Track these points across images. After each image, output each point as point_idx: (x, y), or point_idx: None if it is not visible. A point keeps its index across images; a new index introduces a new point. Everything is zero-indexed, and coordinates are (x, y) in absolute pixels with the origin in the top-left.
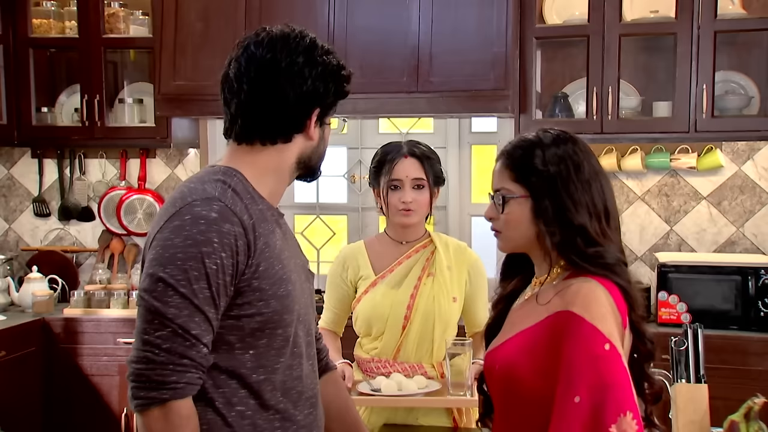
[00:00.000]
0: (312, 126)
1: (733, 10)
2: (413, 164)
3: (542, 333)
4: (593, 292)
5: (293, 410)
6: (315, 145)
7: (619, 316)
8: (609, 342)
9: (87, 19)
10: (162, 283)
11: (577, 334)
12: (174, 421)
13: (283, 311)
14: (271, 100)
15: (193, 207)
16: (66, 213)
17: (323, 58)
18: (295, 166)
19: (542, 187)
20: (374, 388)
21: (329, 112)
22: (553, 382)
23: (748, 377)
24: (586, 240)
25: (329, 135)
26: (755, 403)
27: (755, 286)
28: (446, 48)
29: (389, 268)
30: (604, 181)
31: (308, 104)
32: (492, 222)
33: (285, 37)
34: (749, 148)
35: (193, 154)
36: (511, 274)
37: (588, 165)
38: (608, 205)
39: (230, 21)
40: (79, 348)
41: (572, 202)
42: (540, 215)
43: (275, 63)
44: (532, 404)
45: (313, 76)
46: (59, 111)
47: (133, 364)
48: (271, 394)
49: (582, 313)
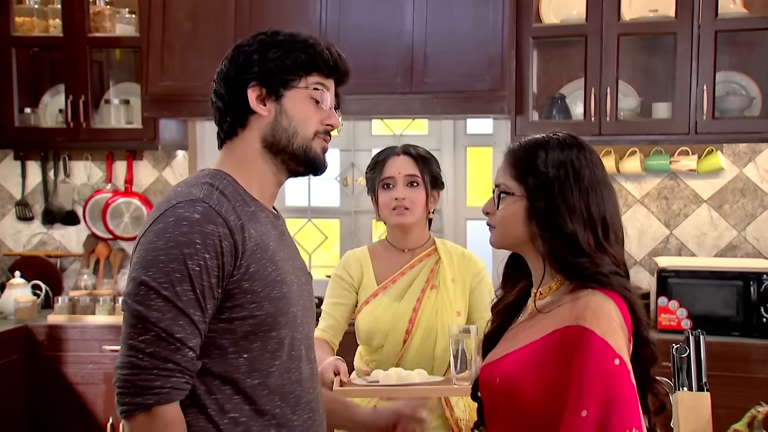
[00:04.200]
0: (254, 100)
1: (734, 9)
2: (406, 161)
3: (550, 347)
4: (603, 307)
5: (290, 415)
6: (272, 121)
7: (626, 330)
8: (619, 357)
9: (72, 17)
10: (144, 287)
11: (587, 349)
12: (159, 426)
13: (277, 313)
14: (218, 90)
15: (177, 209)
16: (50, 217)
17: (265, 37)
18: (266, 151)
19: (539, 189)
20: (372, 380)
21: (279, 85)
22: (558, 397)
23: (750, 385)
24: (575, 249)
25: (300, 110)
26: (759, 411)
27: (757, 292)
28: (441, 48)
29: (392, 278)
30: (607, 192)
31: (243, 78)
32: (488, 216)
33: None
34: (751, 150)
35: (182, 156)
36: (512, 279)
37: (590, 173)
38: (607, 217)
39: (219, 20)
40: (63, 356)
41: (566, 208)
42: (533, 217)
43: (227, 58)
44: (535, 418)
45: (247, 52)
46: (43, 112)
47: (118, 370)
48: (266, 399)
49: (593, 328)
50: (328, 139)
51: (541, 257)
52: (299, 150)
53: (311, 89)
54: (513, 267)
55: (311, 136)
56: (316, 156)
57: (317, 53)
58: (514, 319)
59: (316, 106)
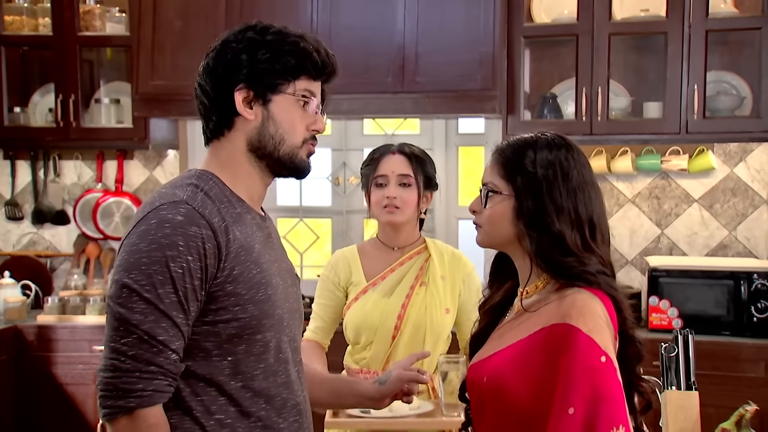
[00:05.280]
0: (241, 103)
1: (725, 9)
2: (400, 160)
3: (536, 346)
4: (588, 305)
5: (276, 417)
6: (259, 126)
7: (612, 328)
8: (605, 354)
9: (61, 16)
10: (127, 289)
11: (574, 347)
12: (142, 429)
13: (262, 316)
14: (203, 86)
15: (160, 211)
16: (40, 216)
17: (254, 34)
18: (252, 155)
19: (527, 188)
20: (364, 409)
21: (267, 89)
22: (546, 395)
23: (740, 384)
24: (562, 249)
25: (287, 115)
26: (747, 410)
27: (748, 291)
28: (432, 47)
29: (381, 275)
30: (594, 194)
31: (230, 78)
32: (474, 215)
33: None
34: (741, 150)
35: (172, 155)
36: (499, 279)
37: (578, 174)
38: (594, 218)
39: (210, 19)
40: (53, 356)
41: (554, 208)
42: (521, 216)
43: (213, 51)
44: (523, 417)
45: (235, 50)
46: (32, 111)
47: (101, 373)
48: (251, 401)
49: (579, 325)
50: (315, 143)
51: (527, 256)
52: (285, 157)
53: (299, 95)
54: (499, 267)
55: (299, 144)
56: (301, 162)
57: (306, 56)
58: (500, 319)
59: (303, 110)
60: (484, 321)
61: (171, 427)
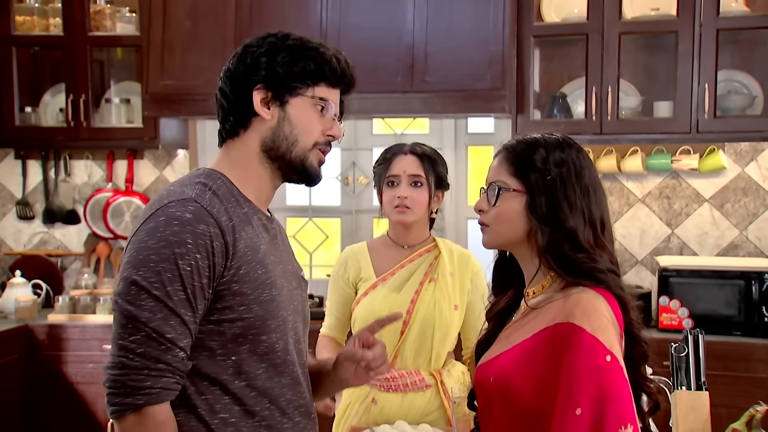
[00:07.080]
0: (259, 103)
1: (736, 8)
2: (412, 161)
3: (541, 345)
4: (593, 304)
5: (281, 417)
6: (274, 126)
7: (618, 327)
8: (610, 353)
9: (72, 16)
10: (135, 287)
11: (578, 346)
12: (150, 427)
13: (267, 317)
14: (223, 88)
15: (168, 209)
16: (50, 216)
17: (275, 39)
18: (264, 155)
19: (540, 185)
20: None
21: (285, 91)
22: (550, 394)
23: (751, 384)
24: (575, 245)
25: (304, 118)
26: (757, 411)
27: (759, 291)
28: (441, 47)
29: (391, 270)
30: (602, 194)
31: (249, 79)
32: (481, 215)
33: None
34: (753, 149)
35: (182, 155)
36: (503, 286)
37: (589, 174)
38: (604, 217)
39: (220, 19)
40: (63, 355)
41: (568, 205)
42: (533, 212)
43: (234, 56)
44: (527, 417)
45: (255, 53)
46: (43, 111)
47: (108, 371)
48: (255, 401)
49: (583, 324)
50: (327, 150)
51: (535, 254)
52: (296, 159)
53: (317, 99)
54: (501, 274)
55: (310, 146)
56: (311, 167)
57: (326, 62)
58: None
59: (320, 115)
60: (491, 326)
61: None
